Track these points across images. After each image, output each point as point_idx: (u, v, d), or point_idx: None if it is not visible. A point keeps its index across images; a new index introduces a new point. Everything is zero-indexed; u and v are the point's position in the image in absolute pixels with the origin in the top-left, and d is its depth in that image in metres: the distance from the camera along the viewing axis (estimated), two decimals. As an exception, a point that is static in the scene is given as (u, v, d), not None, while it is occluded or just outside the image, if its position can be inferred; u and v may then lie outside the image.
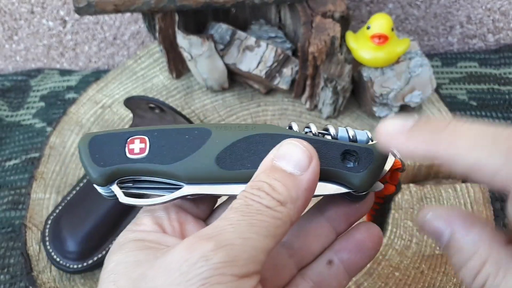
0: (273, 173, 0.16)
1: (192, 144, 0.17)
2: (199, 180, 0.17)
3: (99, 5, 0.40)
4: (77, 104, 0.47)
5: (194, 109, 0.46)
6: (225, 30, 0.42)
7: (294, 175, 0.16)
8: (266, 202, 0.16)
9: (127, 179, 0.17)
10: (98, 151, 0.17)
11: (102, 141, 0.17)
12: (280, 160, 0.17)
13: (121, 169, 0.17)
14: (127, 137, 0.17)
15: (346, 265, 0.19)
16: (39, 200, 0.40)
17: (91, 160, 0.17)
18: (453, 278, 0.35)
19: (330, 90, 0.41)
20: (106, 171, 0.17)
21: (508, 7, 0.53)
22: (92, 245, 0.35)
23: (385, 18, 0.39)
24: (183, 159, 0.17)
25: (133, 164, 0.17)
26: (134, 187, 0.18)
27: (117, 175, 0.17)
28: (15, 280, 0.38)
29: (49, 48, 0.56)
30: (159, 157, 0.17)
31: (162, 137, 0.17)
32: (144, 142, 0.17)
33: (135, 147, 0.17)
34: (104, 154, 0.17)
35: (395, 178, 0.19)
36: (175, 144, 0.17)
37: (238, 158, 0.17)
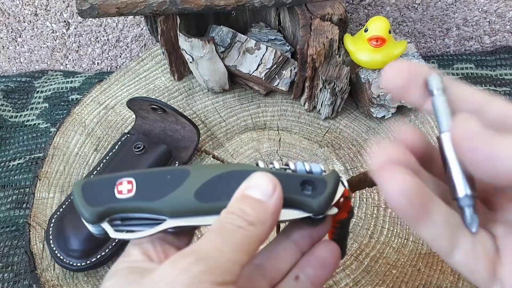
0: (244, 200, 0.19)
1: (173, 182, 0.19)
2: (181, 214, 0.19)
3: (102, 8, 0.41)
4: (81, 105, 0.47)
5: (196, 110, 0.47)
6: (225, 33, 0.43)
7: (261, 200, 0.19)
8: (238, 223, 0.18)
9: (116, 217, 0.19)
10: (90, 193, 0.19)
11: (94, 184, 0.20)
12: (250, 190, 0.19)
13: (111, 208, 0.19)
14: (115, 180, 0.19)
15: (311, 279, 0.22)
16: (43, 199, 0.41)
17: (84, 201, 0.19)
18: (449, 276, 0.35)
19: (328, 92, 0.42)
20: (97, 210, 0.19)
21: (504, 9, 0.53)
22: (95, 243, 0.36)
23: (382, 20, 0.40)
24: (166, 196, 0.19)
25: (121, 203, 0.19)
26: (122, 224, 0.20)
27: (107, 213, 0.19)
28: (19, 278, 0.39)
29: (52, 50, 0.57)
30: (145, 195, 0.19)
31: (146, 178, 0.20)
32: (131, 183, 0.19)
33: (123, 188, 0.19)
34: (96, 195, 0.19)
35: (347, 206, 0.22)
36: (158, 183, 0.19)
37: (214, 192, 0.19)
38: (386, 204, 0.39)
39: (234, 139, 0.44)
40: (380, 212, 0.39)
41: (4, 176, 0.46)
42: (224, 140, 0.44)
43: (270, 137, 0.44)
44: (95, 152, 0.44)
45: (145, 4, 0.41)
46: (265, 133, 0.45)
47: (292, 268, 0.22)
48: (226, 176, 0.20)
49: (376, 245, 0.37)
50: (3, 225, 0.42)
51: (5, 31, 0.55)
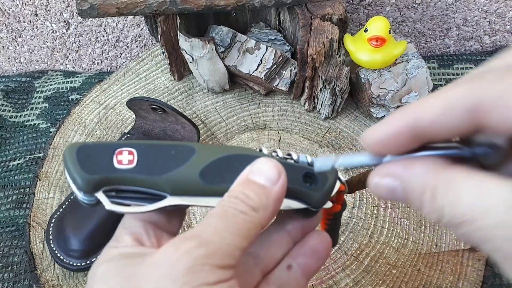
0: (247, 185, 0.19)
1: (178, 159, 0.18)
2: (184, 192, 0.18)
3: (102, 8, 0.41)
4: (81, 105, 0.47)
5: (196, 110, 0.47)
6: (225, 33, 0.43)
7: (265, 186, 0.19)
8: (241, 208, 0.18)
9: (111, 188, 0.18)
10: (86, 160, 0.18)
11: (90, 150, 0.18)
12: (254, 175, 0.19)
13: (109, 178, 0.18)
14: (115, 149, 0.18)
15: (303, 268, 0.22)
16: (43, 199, 0.41)
17: (79, 167, 0.17)
18: (449, 276, 0.35)
19: (328, 92, 0.42)
20: (94, 178, 0.17)
21: (504, 9, 0.53)
22: (95, 243, 0.36)
23: (382, 20, 0.40)
24: (170, 172, 0.18)
25: (121, 174, 0.18)
26: (116, 196, 0.18)
27: (104, 183, 0.18)
28: (19, 278, 0.39)
29: (52, 50, 0.57)
30: (146, 169, 0.18)
31: (149, 151, 0.18)
32: (132, 154, 0.18)
33: (123, 158, 0.18)
34: (92, 162, 0.18)
35: (340, 199, 0.22)
36: (161, 158, 0.18)
37: (219, 173, 0.19)
38: (386, 204, 0.39)
39: (234, 139, 0.44)
40: (380, 212, 0.39)
41: (4, 176, 0.46)
42: (224, 140, 0.44)
43: (270, 137, 0.44)
44: (95, 152, 0.44)
45: (145, 4, 0.41)
46: (265, 133, 0.45)
47: (285, 257, 0.22)
48: (231, 159, 0.19)
49: (376, 245, 0.37)
50: (3, 225, 0.42)
51: (5, 31, 0.55)
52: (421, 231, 0.37)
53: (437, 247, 0.36)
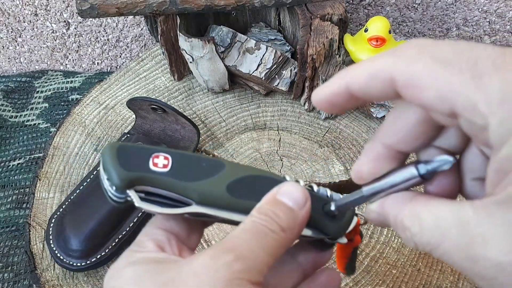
0: (276, 205, 0.19)
1: (208, 171, 0.20)
2: (209, 202, 0.19)
3: (102, 8, 0.41)
4: (81, 105, 0.47)
5: (196, 110, 0.47)
6: (225, 32, 0.43)
7: (293, 209, 0.19)
8: (271, 227, 0.19)
9: (142, 189, 0.19)
10: (124, 157, 0.19)
11: (130, 150, 0.19)
12: (283, 196, 0.20)
13: (143, 177, 0.19)
14: (152, 152, 0.19)
15: None
16: (43, 199, 0.41)
17: (118, 163, 0.18)
18: (449, 276, 0.35)
19: (328, 92, 0.42)
20: (129, 175, 0.18)
21: (504, 9, 0.53)
22: (95, 243, 0.36)
23: (382, 20, 0.40)
24: (199, 180, 0.19)
25: (155, 175, 0.19)
26: (145, 198, 0.19)
27: (138, 182, 0.19)
28: (19, 278, 0.39)
29: (52, 50, 0.57)
30: (178, 175, 0.19)
31: (183, 159, 0.20)
32: (167, 159, 0.19)
33: (159, 161, 0.19)
34: (130, 161, 0.19)
35: (357, 230, 0.23)
36: (193, 167, 0.20)
37: (245, 190, 0.20)
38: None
39: (234, 139, 0.44)
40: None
41: (4, 176, 0.46)
42: (224, 140, 0.44)
43: (270, 137, 0.44)
44: (95, 152, 0.44)
45: (145, 4, 0.41)
46: (265, 133, 0.45)
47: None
48: (258, 179, 0.20)
49: (376, 245, 0.37)
50: (3, 225, 0.42)
51: (5, 31, 0.55)
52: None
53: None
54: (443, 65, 0.15)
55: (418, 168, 0.17)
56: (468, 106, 0.14)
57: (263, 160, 0.43)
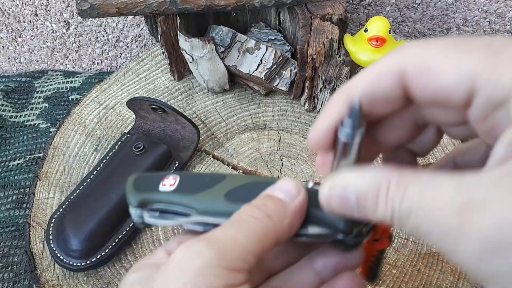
0: (266, 198, 0.19)
1: (209, 183, 0.21)
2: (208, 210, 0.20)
3: (102, 8, 0.41)
4: (81, 105, 0.47)
5: (195, 110, 0.47)
6: (225, 33, 0.43)
7: (283, 200, 0.19)
8: (254, 214, 0.18)
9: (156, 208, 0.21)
10: (139, 183, 0.22)
11: (145, 177, 0.22)
12: (274, 191, 0.20)
13: (151, 196, 0.21)
14: (164, 176, 0.22)
15: None
16: (43, 199, 0.41)
17: (133, 188, 0.22)
18: (449, 276, 0.35)
19: (328, 92, 0.42)
20: (140, 195, 0.22)
21: (504, 9, 0.53)
22: (95, 243, 0.36)
23: (382, 21, 0.40)
24: (199, 192, 0.21)
25: (161, 194, 0.21)
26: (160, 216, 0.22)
27: (147, 200, 0.21)
28: (19, 278, 0.39)
29: (52, 50, 0.57)
30: (182, 191, 0.21)
31: (189, 177, 0.22)
32: (175, 179, 0.21)
33: (167, 182, 0.21)
34: (143, 185, 0.22)
35: (387, 232, 0.22)
36: (197, 182, 0.21)
37: (242, 196, 0.20)
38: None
39: (234, 139, 0.44)
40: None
41: (4, 176, 0.46)
42: (224, 140, 0.44)
43: (270, 137, 0.44)
44: (95, 152, 0.44)
45: (145, 4, 0.41)
46: (265, 133, 0.45)
47: None
48: (257, 185, 0.20)
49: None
50: (3, 225, 0.42)
51: (5, 31, 0.55)
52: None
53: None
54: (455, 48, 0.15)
55: None
56: (492, 81, 0.14)
57: (263, 160, 0.43)
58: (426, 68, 0.15)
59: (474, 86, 0.14)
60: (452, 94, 0.15)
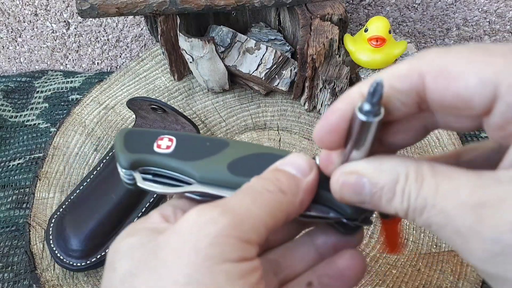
0: (278, 172, 0.18)
1: (210, 149, 0.19)
2: (209, 181, 0.19)
3: (102, 8, 0.41)
4: (81, 105, 0.47)
5: (195, 110, 0.47)
6: (225, 32, 0.43)
7: (296, 176, 0.18)
8: (269, 187, 0.17)
9: (149, 170, 0.19)
10: (131, 141, 0.20)
11: (137, 134, 0.20)
12: (286, 165, 0.18)
13: (145, 158, 0.19)
14: (157, 135, 0.20)
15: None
16: (43, 199, 0.41)
17: (123, 146, 0.19)
18: (449, 276, 0.35)
19: (328, 92, 0.42)
20: (132, 156, 0.19)
21: (504, 9, 0.53)
22: (95, 243, 0.36)
23: (382, 21, 0.40)
24: (200, 160, 0.19)
25: (157, 156, 0.19)
26: (153, 180, 0.20)
27: (141, 162, 0.19)
28: (19, 278, 0.39)
29: (52, 50, 0.57)
30: (180, 155, 0.19)
31: (187, 140, 0.20)
32: (172, 141, 0.19)
33: (162, 143, 0.19)
34: (135, 144, 0.20)
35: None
36: (196, 147, 0.19)
37: (247, 168, 0.19)
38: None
39: (234, 139, 0.44)
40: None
41: (4, 176, 0.46)
42: (224, 140, 0.44)
43: (270, 137, 0.44)
44: (95, 152, 0.44)
45: (145, 4, 0.41)
46: (265, 133, 0.45)
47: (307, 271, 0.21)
48: (263, 156, 0.19)
49: (376, 245, 0.37)
50: (3, 225, 0.42)
51: (5, 31, 0.55)
52: (421, 231, 0.37)
53: (437, 247, 0.36)
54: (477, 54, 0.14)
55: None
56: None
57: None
58: (446, 73, 0.15)
59: (496, 91, 0.14)
60: (473, 99, 0.14)
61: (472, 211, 0.13)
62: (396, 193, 0.15)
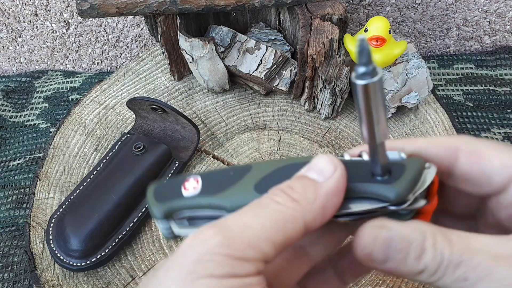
0: (296, 179, 0.17)
1: (235, 177, 0.19)
2: (239, 207, 0.18)
3: (102, 8, 0.41)
4: (81, 105, 0.47)
5: (195, 110, 0.47)
6: (225, 32, 0.43)
7: (315, 180, 0.17)
8: (277, 199, 0.16)
9: (182, 215, 0.19)
10: (159, 192, 0.20)
11: (163, 184, 0.20)
12: (305, 171, 0.18)
13: (176, 204, 0.19)
14: (182, 180, 0.20)
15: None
16: (43, 199, 0.41)
17: (154, 199, 0.20)
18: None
19: (328, 92, 0.42)
20: (164, 206, 0.19)
21: (504, 9, 0.53)
22: (95, 243, 0.36)
23: (382, 20, 0.40)
24: (227, 189, 0.19)
25: (186, 200, 0.19)
26: (189, 224, 0.20)
27: (173, 209, 0.19)
28: (19, 278, 0.39)
29: (52, 50, 0.57)
30: (208, 191, 0.19)
31: (212, 175, 0.20)
32: (197, 181, 0.19)
33: (189, 185, 0.19)
34: (164, 194, 0.20)
35: (434, 190, 0.19)
36: (222, 179, 0.19)
37: (274, 184, 0.18)
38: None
39: (234, 139, 0.44)
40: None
41: (4, 176, 0.46)
42: (224, 140, 0.44)
43: (270, 137, 0.44)
44: (95, 152, 0.44)
45: (145, 4, 0.41)
46: (265, 133, 0.45)
47: None
48: (287, 169, 0.19)
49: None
50: (3, 225, 0.42)
51: (5, 31, 0.55)
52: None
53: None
54: (502, 147, 0.18)
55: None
56: None
57: (263, 160, 0.43)
58: (478, 151, 0.18)
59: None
60: (494, 177, 0.18)
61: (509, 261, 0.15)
62: (426, 249, 0.16)
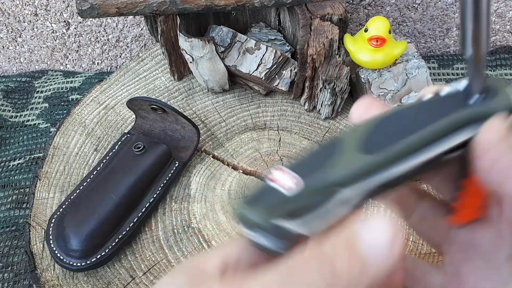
0: (342, 242, 0.14)
1: (329, 151, 0.16)
2: (352, 179, 0.15)
3: (102, 8, 0.41)
4: (81, 105, 0.47)
5: (195, 110, 0.47)
6: (225, 32, 0.43)
7: (365, 259, 0.14)
8: (313, 265, 0.14)
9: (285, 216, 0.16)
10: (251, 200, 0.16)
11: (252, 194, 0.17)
12: (359, 237, 0.14)
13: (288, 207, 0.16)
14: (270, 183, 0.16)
15: None
16: (43, 199, 0.41)
17: (249, 206, 0.16)
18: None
19: (328, 92, 0.42)
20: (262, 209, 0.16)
21: (504, 9, 0.53)
22: (95, 243, 0.36)
23: (382, 21, 0.40)
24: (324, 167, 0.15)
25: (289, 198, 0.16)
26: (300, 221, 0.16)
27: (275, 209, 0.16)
28: (19, 278, 0.39)
29: (52, 50, 0.57)
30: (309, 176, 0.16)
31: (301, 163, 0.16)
32: (286, 173, 0.16)
33: (284, 182, 0.16)
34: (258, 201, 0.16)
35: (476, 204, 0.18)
36: (315, 160, 0.16)
37: (384, 137, 0.15)
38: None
39: (234, 139, 0.44)
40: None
41: (4, 176, 0.46)
42: (224, 140, 0.44)
43: (270, 137, 0.44)
44: (95, 152, 0.44)
45: (145, 4, 0.41)
46: (265, 133, 0.45)
47: None
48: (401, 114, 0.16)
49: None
50: (3, 225, 0.42)
51: (5, 31, 0.55)
52: (421, 231, 0.38)
53: None
54: None
55: None
56: None
57: (263, 160, 0.43)
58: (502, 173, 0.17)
59: None
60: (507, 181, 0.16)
61: None
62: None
